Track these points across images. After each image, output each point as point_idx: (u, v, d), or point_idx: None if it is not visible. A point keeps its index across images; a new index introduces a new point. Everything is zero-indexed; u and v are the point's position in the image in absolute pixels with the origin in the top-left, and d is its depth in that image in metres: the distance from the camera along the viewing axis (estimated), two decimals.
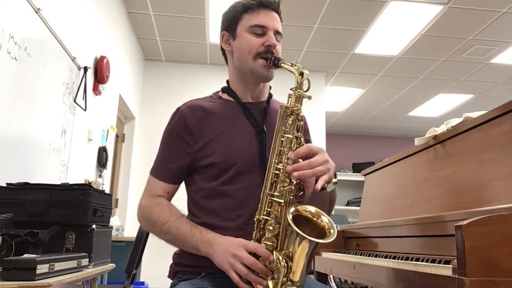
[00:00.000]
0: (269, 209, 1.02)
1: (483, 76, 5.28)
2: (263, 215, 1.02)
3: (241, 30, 1.18)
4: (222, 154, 1.13)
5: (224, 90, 1.27)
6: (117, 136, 4.30)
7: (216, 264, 1.02)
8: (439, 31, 4.23)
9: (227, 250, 1.00)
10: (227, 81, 1.28)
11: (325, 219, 0.99)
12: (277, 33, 1.18)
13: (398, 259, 1.32)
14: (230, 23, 1.21)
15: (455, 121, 1.54)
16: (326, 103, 5.76)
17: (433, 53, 4.73)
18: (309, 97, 1.09)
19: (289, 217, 0.95)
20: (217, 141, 1.15)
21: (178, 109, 1.23)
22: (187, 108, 1.21)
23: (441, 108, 6.48)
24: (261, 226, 1.02)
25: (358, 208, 5.44)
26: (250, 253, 0.99)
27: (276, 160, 1.04)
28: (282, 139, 1.06)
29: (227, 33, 1.23)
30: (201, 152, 1.15)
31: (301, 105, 1.09)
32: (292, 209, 0.99)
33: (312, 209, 1.01)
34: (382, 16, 3.99)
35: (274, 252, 0.97)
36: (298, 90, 1.09)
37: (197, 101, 1.24)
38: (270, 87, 1.30)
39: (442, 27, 4.14)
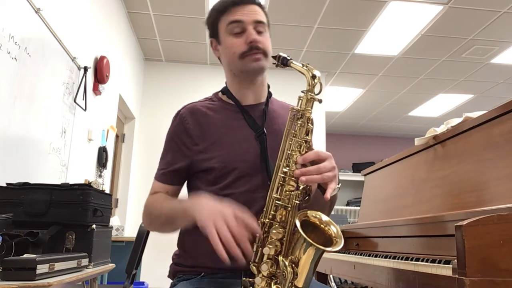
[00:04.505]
0: (274, 213, 1.01)
1: (483, 76, 5.28)
2: (268, 218, 1.01)
3: (222, 33, 1.18)
4: (221, 159, 1.13)
5: (223, 92, 1.26)
6: (117, 136, 4.30)
7: (199, 220, 0.95)
8: (439, 31, 4.23)
9: (215, 206, 0.95)
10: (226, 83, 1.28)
11: (333, 228, 0.98)
12: (258, 23, 1.15)
13: (398, 259, 1.32)
14: (213, 29, 1.21)
15: (455, 121, 1.54)
16: (326, 103, 5.76)
17: (433, 53, 4.73)
18: (320, 101, 1.07)
19: (298, 223, 0.94)
20: (217, 145, 1.15)
21: (178, 112, 1.23)
22: (187, 111, 1.21)
23: (441, 108, 6.48)
24: (266, 229, 1.02)
25: (358, 208, 5.44)
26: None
27: (284, 164, 1.03)
28: (291, 142, 1.04)
29: (214, 40, 1.23)
30: (200, 156, 1.15)
31: (311, 108, 1.06)
32: (301, 214, 0.98)
33: (324, 217, 1.00)
34: (382, 16, 3.99)
35: (280, 258, 0.97)
36: (309, 93, 1.06)
37: (197, 104, 1.24)
38: (269, 86, 1.28)
39: (442, 27, 4.14)
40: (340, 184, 1.02)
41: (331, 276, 2.49)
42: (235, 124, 1.19)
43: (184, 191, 1.25)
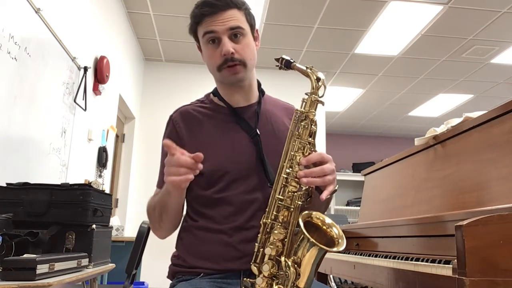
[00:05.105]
0: (276, 213, 1.01)
1: (483, 76, 5.28)
2: (271, 219, 1.01)
3: (201, 43, 1.18)
4: (214, 162, 1.13)
5: (214, 94, 1.26)
6: (117, 136, 4.30)
7: (170, 189, 1.04)
8: (439, 31, 4.23)
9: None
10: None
11: (335, 230, 0.99)
12: (233, 29, 1.12)
13: (398, 259, 1.32)
14: (194, 37, 1.21)
15: (455, 121, 1.54)
16: (326, 103, 5.73)
17: (433, 53, 4.73)
18: (323, 103, 1.07)
19: (301, 223, 0.94)
20: (209, 149, 1.14)
21: (170, 117, 1.24)
22: (179, 115, 1.22)
23: (441, 108, 6.48)
24: (268, 230, 1.01)
25: (358, 208, 5.44)
26: None
27: (287, 165, 1.03)
28: (294, 143, 1.04)
29: (199, 46, 1.23)
30: None
31: (315, 110, 1.07)
32: (305, 215, 0.98)
33: (327, 219, 1.00)
34: (382, 16, 3.99)
35: (282, 258, 0.97)
36: (314, 95, 1.07)
37: (189, 107, 1.24)
38: (260, 84, 1.27)
39: (442, 27, 4.14)
40: (337, 186, 1.02)
41: (331, 276, 2.49)
42: (227, 127, 1.19)
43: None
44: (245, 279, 1.00)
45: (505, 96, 5.82)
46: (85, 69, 2.88)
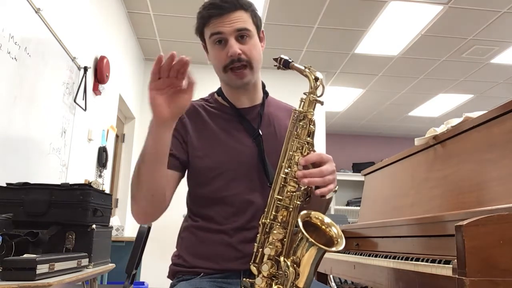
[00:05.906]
0: (275, 213, 1.01)
1: (483, 76, 5.28)
2: (270, 219, 1.01)
3: (208, 43, 1.18)
4: (215, 159, 1.13)
5: (218, 93, 1.26)
6: (117, 136, 4.30)
7: (154, 115, 1.01)
8: (439, 31, 4.23)
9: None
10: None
11: (334, 230, 0.99)
12: (240, 31, 1.12)
13: (398, 259, 1.32)
14: (201, 37, 1.21)
15: (455, 121, 1.54)
16: (326, 103, 5.74)
17: (433, 53, 4.73)
18: (322, 103, 1.06)
19: (300, 223, 0.94)
20: (211, 146, 1.15)
21: None
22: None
23: (441, 108, 6.48)
24: (267, 230, 1.01)
25: (358, 208, 5.44)
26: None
27: (286, 165, 1.03)
28: (293, 143, 1.04)
29: (205, 46, 1.23)
30: (194, 155, 1.15)
31: (313, 110, 1.06)
32: (304, 215, 0.98)
33: (326, 219, 1.00)
34: (382, 16, 3.99)
35: (281, 258, 0.97)
36: (312, 95, 1.06)
37: (194, 102, 1.24)
38: (264, 86, 1.28)
39: (442, 27, 4.14)
40: (337, 186, 1.02)
41: (331, 276, 2.49)
42: (230, 127, 1.19)
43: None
44: (244, 279, 0.99)
45: (505, 96, 5.81)
46: (85, 69, 2.88)
